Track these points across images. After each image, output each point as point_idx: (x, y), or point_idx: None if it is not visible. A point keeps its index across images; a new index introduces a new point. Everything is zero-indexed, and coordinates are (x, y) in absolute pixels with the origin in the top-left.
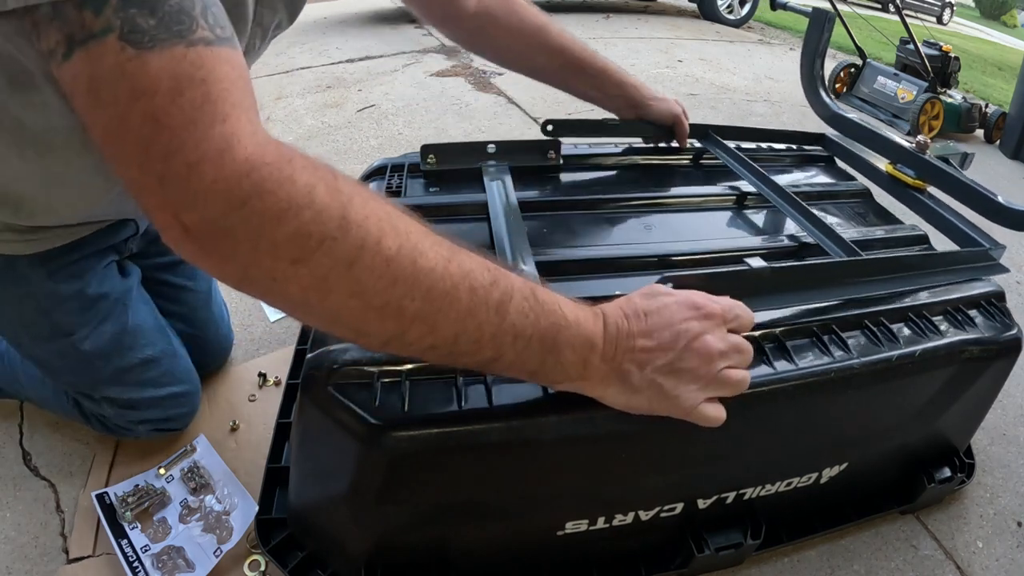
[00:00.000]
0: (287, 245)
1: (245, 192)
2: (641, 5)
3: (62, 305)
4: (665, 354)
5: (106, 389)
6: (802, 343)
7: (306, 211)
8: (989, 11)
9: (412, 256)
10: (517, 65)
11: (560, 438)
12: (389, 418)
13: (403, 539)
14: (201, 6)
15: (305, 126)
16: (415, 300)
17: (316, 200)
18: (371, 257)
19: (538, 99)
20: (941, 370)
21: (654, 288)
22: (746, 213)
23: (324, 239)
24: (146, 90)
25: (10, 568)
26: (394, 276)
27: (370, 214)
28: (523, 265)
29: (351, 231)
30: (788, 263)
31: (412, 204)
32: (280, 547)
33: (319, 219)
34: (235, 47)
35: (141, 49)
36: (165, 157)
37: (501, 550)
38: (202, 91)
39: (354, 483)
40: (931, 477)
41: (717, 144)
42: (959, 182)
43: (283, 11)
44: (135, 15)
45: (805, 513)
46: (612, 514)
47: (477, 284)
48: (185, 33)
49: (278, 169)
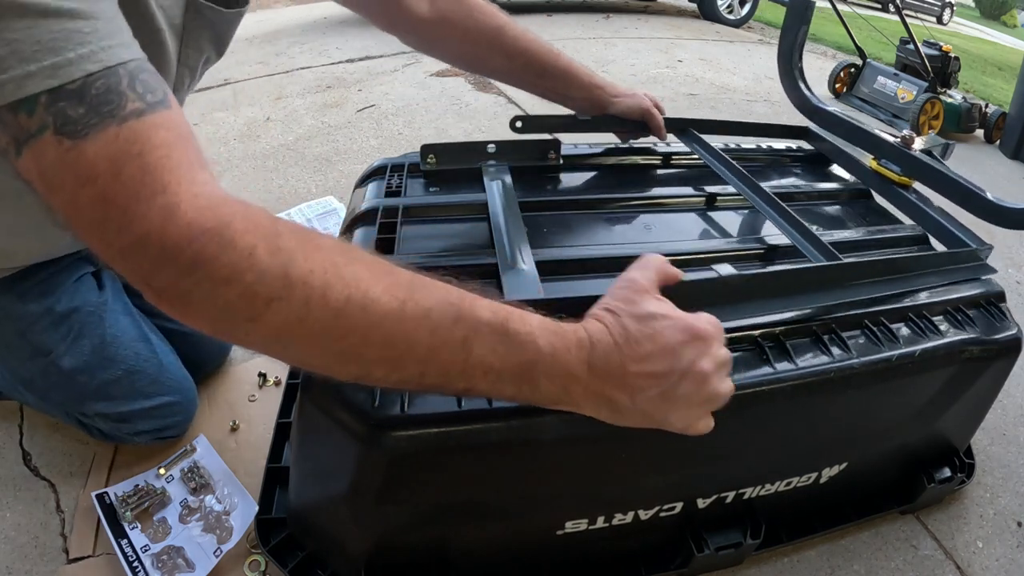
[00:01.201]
0: (238, 306)
1: (190, 261)
2: (641, 5)
3: (35, 324)
4: (659, 384)
5: (95, 405)
6: (802, 343)
7: (248, 274)
8: (989, 11)
9: (362, 305)
10: (475, 68)
11: (559, 438)
12: (388, 418)
13: (403, 539)
14: (128, 78)
15: (305, 126)
16: (371, 347)
17: (257, 262)
18: (319, 311)
19: (538, 99)
20: (941, 370)
21: (644, 303)
22: (745, 213)
23: (270, 300)
24: (89, 176)
25: (10, 568)
26: (344, 328)
27: (314, 267)
28: (523, 264)
29: (295, 289)
30: (774, 268)
31: (412, 204)
32: (280, 547)
33: (262, 281)
34: (168, 106)
35: (77, 139)
36: (118, 233)
37: (501, 550)
38: (139, 165)
39: (354, 483)
40: (931, 477)
41: (696, 140)
42: (946, 178)
43: (209, 48)
44: (65, 108)
45: (805, 513)
46: (612, 514)
47: (438, 323)
48: (115, 112)
49: (218, 235)
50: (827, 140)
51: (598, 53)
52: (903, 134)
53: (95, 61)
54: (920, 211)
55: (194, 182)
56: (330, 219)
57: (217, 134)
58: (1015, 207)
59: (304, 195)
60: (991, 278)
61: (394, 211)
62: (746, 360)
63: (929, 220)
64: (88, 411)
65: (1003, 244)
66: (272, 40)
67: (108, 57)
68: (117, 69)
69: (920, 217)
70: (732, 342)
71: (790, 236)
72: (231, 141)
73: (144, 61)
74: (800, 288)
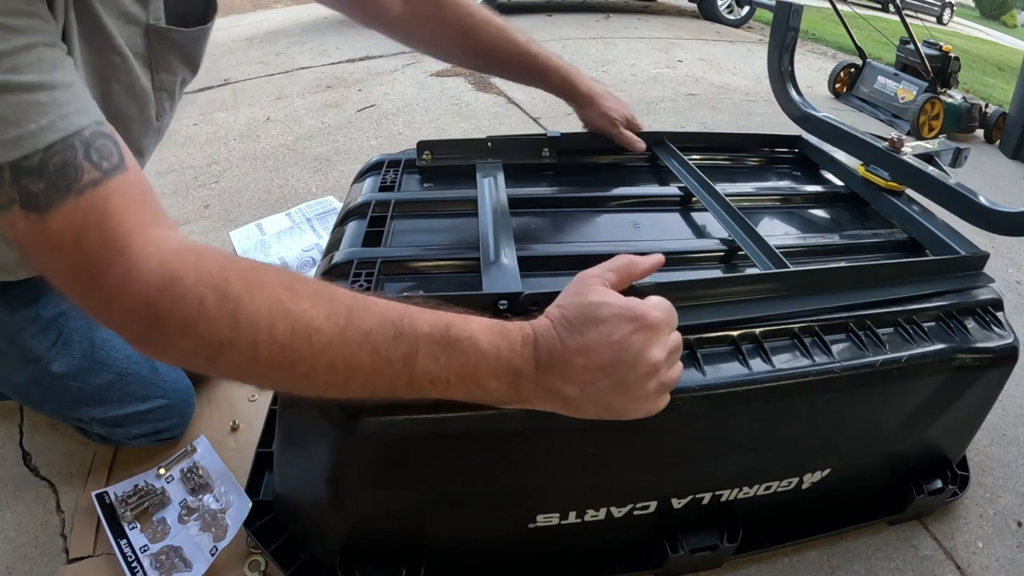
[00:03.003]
0: (197, 351)
1: (148, 318)
2: (641, 5)
3: (23, 330)
4: (606, 375)
5: (89, 411)
6: (782, 344)
7: (200, 324)
8: (989, 11)
9: (306, 336)
10: (454, 62)
11: (525, 429)
12: (363, 404)
13: (379, 525)
14: (83, 148)
15: (305, 126)
16: (319, 373)
17: (206, 312)
18: (267, 348)
19: (538, 99)
20: (930, 378)
21: (589, 293)
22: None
23: (222, 344)
24: (56, 246)
25: (10, 568)
26: (292, 359)
27: (260, 307)
28: (504, 259)
29: (243, 331)
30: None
31: (404, 199)
32: (264, 529)
33: (213, 328)
34: (124, 168)
35: (40, 213)
36: (87, 296)
37: (474, 540)
38: (98, 234)
39: (330, 468)
40: (920, 488)
41: (669, 152)
42: (937, 183)
43: (183, 69)
44: (27, 184)
45: (788, 519)
46: (583, 509)
47: (379, 343)
48: (72, 185)
49: (170, 292)
50: (817, 147)
51: (598, 53)
52: (891, 138)
53: (54, 131)
54: (909, 218)
55: (149, 242)
56: (330, 219)
57: (217, 134)
58: (1008, 211)
59: (304, 195)
60: (988, 285)
61: (386, 205)
62: (720, 359)
63: (919, 227)
64: (84, 416)
65: (1003, 244)
66: (272, 40)
67: (66, 125)
68: (73, 140)
69: (910, 224)
70: (707, 342)
71: (742, 242)
72: (231, 141)
73: (101, 123)
74: (743, 294)
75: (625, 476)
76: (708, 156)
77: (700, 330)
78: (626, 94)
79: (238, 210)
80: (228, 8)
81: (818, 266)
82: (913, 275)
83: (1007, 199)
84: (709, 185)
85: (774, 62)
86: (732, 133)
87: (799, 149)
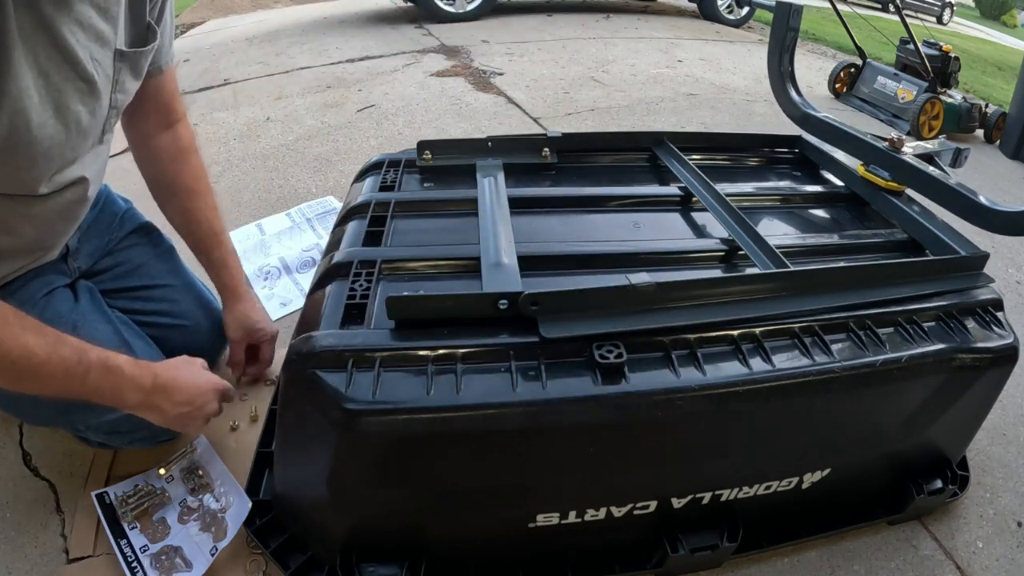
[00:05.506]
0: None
1: None
2: (641, 5)
3: None
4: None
5: (81, 418)
6: (782, 344)
7: None
8: (989, 11)
9: (27, 359)
10: (158, 204)
11: (525, 429)
12: (360, 403)
13: (378, 524)
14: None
15: (305, 126)
16: (34, 384)
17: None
18: (3, 367)
19: (538, 99)
20: (930, 377)
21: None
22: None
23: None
24: None
25: (10, 568)
26: (17, 375)
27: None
28: (504, 260)
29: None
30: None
31: (404, 199)
32: (264, 529)
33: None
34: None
35: None
36: None
37: (475, 540)
38: None
39: (330, 467)
40: (920, 488)
41: (669, 152)
42: (937, 183)
43: (133, 85)
44: None
45: (788, 518)
46: (583, 508)
47: (69, 367)
48: None
49: None
50: (817, 147)
51: (598, 53)
52: (891, 137)
53: None
54: (909, 218)
55: None
56: (330, 219)
57: (217, 134)
58: (1008, 211)
59: (304, 195)
60: (988, 285)
61: (386, 205)
62: (720, 359)
63: (919, 227)
64: (79, 424)
65: (1003, 244)
66: (272, 40)
67: None
68: None
69: (910, 224)
70: (707, 341)
71: (742, 242)
72: (231, 141)
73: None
74: (743, 294)
75: (625, 476)
76: (708, 156)
77: (700, 330)
78: (626, 94)
79: (238, 210)
80: (228, 8)
81: (818, 266)
82: (913, 275)
83: (1007, 199)
84: (709, 185)
85: (774, 62)
86: (732, 133)
87: (799, 149)
